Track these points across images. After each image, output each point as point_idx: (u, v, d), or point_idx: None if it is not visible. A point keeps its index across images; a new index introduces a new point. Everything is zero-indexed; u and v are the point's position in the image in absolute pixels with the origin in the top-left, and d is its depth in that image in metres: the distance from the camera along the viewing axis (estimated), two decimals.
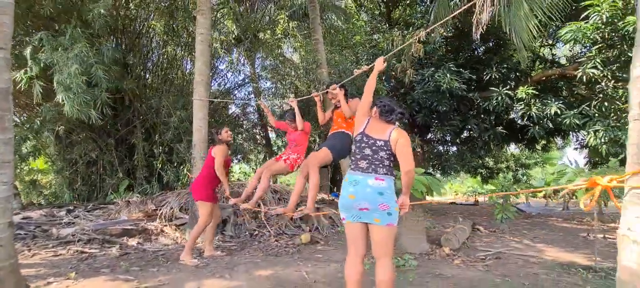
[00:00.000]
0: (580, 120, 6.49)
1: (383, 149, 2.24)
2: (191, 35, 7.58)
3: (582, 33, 5.60)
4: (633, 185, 1.50)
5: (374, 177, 2.18)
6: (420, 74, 8.26)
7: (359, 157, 2.28)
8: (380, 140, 2.25)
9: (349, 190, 2.22)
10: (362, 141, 2.31)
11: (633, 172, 1.51)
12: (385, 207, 2.14)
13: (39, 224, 5.38)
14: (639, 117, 1.48)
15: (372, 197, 2.15)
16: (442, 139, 11.18)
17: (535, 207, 13.16)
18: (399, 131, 2.28)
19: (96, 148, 7.48)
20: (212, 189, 4.18)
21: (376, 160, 2.23)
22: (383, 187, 2.17)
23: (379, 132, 2.29)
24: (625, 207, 1.55)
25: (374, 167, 2.21)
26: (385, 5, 11.13)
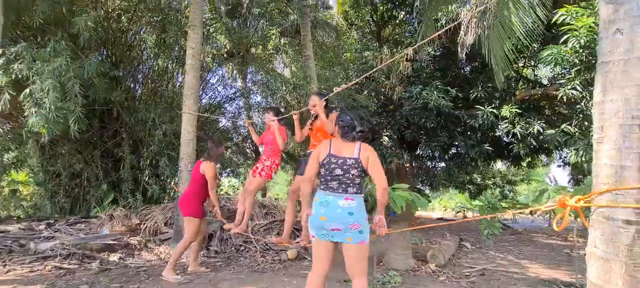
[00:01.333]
0: (561, 139, 6.69)
1: (354, 167, 2.24)
2: (182, 49, 7.62)
3: (561, 56, 5.84)
4: (599, 204, 1.57)
5: (344, 198, 2.19)
6: (409, 91, 8.44)
7: (330, 177, 2.27)
8: (350, 159, 2.25)
9: (320, 212, 2.22)
10: (330, 163, 2.28)
11: (598, 192, 1.57)
12: (356, 226, 2.16)
13: (17, 238, 5.21)
14: (601, 140, 1.56)
15: (342, 217, 2.16)
16: (431, 155, 11.33)
17: (521, 223, 13.32)
18: (367, 147, 2.30)
19: (81, 160, 7.34)
20: (201, 204, 4.12)
21: (347, 179, 2.23)
22: (353, 207, 2.18)
23: (346, 151, 2.29)
24: (592, 225, 1.61)
25: (345, 187, 2.22)
26: (376, 24, 11.42)
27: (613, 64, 1.49)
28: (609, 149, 1.51)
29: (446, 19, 7.54)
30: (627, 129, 1.45)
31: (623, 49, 1.45)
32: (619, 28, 1.46)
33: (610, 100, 1.51)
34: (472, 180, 13.87)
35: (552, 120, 8.16)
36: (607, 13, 1.51)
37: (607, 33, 1.51)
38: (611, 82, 1.49)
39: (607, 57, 1.52)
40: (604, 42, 1.52)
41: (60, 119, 4.72)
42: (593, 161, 1.64)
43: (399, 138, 9.98)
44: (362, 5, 11.21)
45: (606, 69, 1.52)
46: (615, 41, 1.47)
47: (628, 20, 1.44)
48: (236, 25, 9.40)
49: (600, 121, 1.56)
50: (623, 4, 1.45)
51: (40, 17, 5.29)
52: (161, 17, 7.43)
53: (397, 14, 10.90)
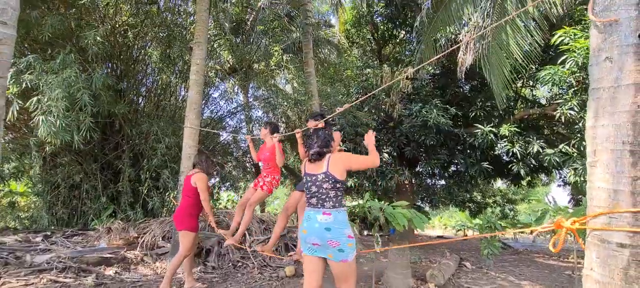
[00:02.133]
0: (560, 159, 6.71)
1: (325, 181, 2.32)
2: (186, 64, 7.75)
3: (559, 76, 5.94)
4: (594, 227, 1.59)
5: (321, 212, 2.27)
6: (409, 109, 8.53)
7: (309, 195, 2.39)
8: (320, 174, 2.35)
9: (303, 226, 2.36)
10: (307, 181, 2.42)
11: (592, 215, 1.59)
12: (335, 243, 2.20)
13: (13, 250, 5.17)
14: (594, 164, 1.59)
15: (319, 233, 2.23)
16: (431, 172, 11.33)
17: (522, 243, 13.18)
18: (336, 158, 2.37)
19: (81, 172, 7.35)
20: (196, 218, 4.11)
21: (322, 194, 2.31)
22: (329, 222, 2.22)
23: (316, 168, 2.40)
24: (587, 247, 1.63)
25: (322, 202, 2.30)
26: (376, 43, 11.63)
27: (603, 91, 1.54)
28: (602, 173, 1.54)
29: (445, 39, 7.69)
30: (618, 154, 1.48)
31: (613, 76, 1.50)
32: (608, 56, 1.51)
33: (601, 125, 1.54)
34: (472, 198, 13.80)
35: (551, 140, 8.20)
36: (596, 42, 1.57)
37: (597, 60, 1.56)
38: (602, 108, 1.54)
39: (597, 83, 1.57)
40: (594, 68, 1.58)
41: (68, 127, 4.80)
42: (587, 184, 1.67)
43: (398, 155, 10.01)
44: (363, 24, 11.46)
45: (597, 95, 1.57)
46: (605, 68, 1.53)
47: (616, 49, 1.49)
48: (239, 42, 9.58)
49: (592, 145, 1.60)
50: (611, 34, 1.51)
51: (49, 31, 5.43)
52: (167, 33, 7.59)
53: (398, 34, 11.12)
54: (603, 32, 1.55)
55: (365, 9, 10.93)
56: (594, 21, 1.56)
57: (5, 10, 2.45)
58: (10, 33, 2.52)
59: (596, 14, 1.58)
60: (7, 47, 2.49)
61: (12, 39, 2.54)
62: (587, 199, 1.67)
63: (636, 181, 1.45)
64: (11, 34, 2.53)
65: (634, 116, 1.45)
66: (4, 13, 2.45)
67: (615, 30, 1.51)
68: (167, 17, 7.80)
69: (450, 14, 6.44)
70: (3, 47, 2.45)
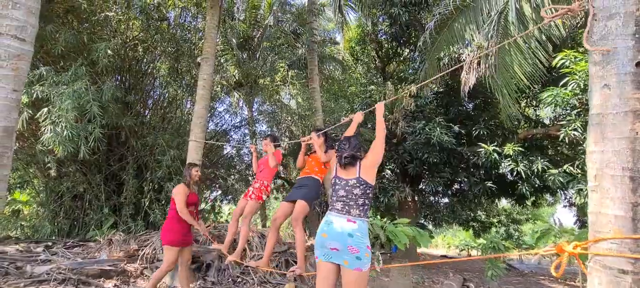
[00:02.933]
0: (564, 179, 6.66)
1: (356, 186, 2.34)
2: (193, 78, 7.89)
3: (561, 98, 5.96)
4: (595, 252, 1.58)
5: (345, 219, 2.28)
6: (412, 126, 8.56)
7: (335, 198, 2.40)
8: (351, 179, 2.37)
9: (323, 229, 2.33)
10: (336, 184, 2.44)
11: (594, 239, 1.59)
12: (355, 250, 2.20)
13: (14, 260, 5.18)
14: (595, 189, 1.60)
15: (342, 237, 2.23)
16: (434, 190, 11.26)
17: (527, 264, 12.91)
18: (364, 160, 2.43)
19: (85, 182, 7.41)
20: (178, 232, 3.90)
21: (350, 199, 2.33)
22: (353, 229, 2.24)
23: (348, 173, 2.42)
24: (590, 273, 1.61)
25: (348, 208, 2.31)
26: (381, 61, 11.78)
27: (603, 117, 1.56)
28: (603, 198, 1.54)
29: (449, 59, 7.79)
30: (618, 180, 1.49)
31: (611, 103, 1.52)
32: (607, 83, 1.54)
33: (601, 151, 1.56)
34: (476, 217, 13.64)
35: (556, 160, 8.15)
36: (595, 69, 1.60)
37: (596, 87, 1.59)
38: (602, 134, 1.55)
39: (597, 109, 1.59)
40: (593, 95, 1.60)
41: (75, 138, 4.88)
42: (588, 208, 1.67)
43: (401, 172, 9.98)
44: (367, 42, 11.64)
45: (597, 121, 1.59)
46: (604, 95, 1.55)
47: (614, 77, 1.52)
48: (246, 57, 9.77)
49: (593, 170, 1.61)
50: (609, 62, 1.55)
51: (62, 45, 5.59)
52: (176, 47, 7.77)
53: (402, 52, 11.28)
54: (601, 60, 1.58)
55: (370, 27, 11.14)
56: (590, 50, 1.60)
57: (25, 28, 2.56)
58: (28, 49, 2.62)
59: (594, 43, 1.61)
60: (25, 63, 2.59)
61: (29, 55, 2.64)
62: (588, 224, 1.67)
63: (637, 207, 1.45)
64: (29, 50, 2.64)
65: (633, 143, 1.46)
66: (23, 30, 2.55)
67: (612, 58, 1.54)
68: (177, 32, 8.00)
69: (453, 35, 6.55)
70: (21, 62, 2.54)
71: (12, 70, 2.52)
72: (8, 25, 2.50)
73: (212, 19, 5.80)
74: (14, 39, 2.52)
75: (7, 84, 2.51)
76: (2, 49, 2.48)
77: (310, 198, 3.37)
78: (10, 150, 2.61)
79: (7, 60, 2.49)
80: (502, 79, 5.37)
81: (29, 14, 2.61)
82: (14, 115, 2.57)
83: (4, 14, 2.49)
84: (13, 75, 2.52)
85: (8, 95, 2.53)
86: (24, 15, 2.56)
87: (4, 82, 2.49)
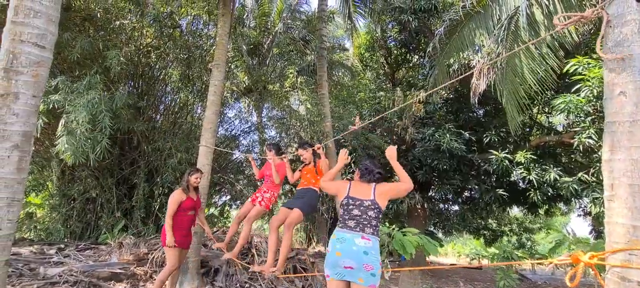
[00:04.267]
0: (578, 187, 6.50)
1: (371, 208, 2.35)
2: (204, 83, 8.00)
3: (574, 105, 5.85)
4: (612, 263, 1.54)
5: (360, 236, 2.27)
6: (421, 133, 8.50)
7: (348, 217, 2.38)
8: (366, 200, 2.38)
9: (336, 247, 2.31)
10: (348, 204, 2.42)
11: (611, 251, 1.55)
12: (370, 267, 2.20)
13: (28, 262, 5.29)
14: (611, 198, 1.56)
15: (357, 256, 2.21)
16: (443, 198, 11.12)
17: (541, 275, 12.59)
18: (381, 186, 2.45)
19: (97, 186, 7.55)
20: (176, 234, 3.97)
21: (364, 219, 2.33)
22: (369, 246, 2.24)
23: (363, 193, 2.43)
24: (607, 285, 1.57)
25: (362, 227, 2.31)
26: (390, 67, 11.78)
27: (619, 125, 1.53)
28: (620, 208, 1.50)
29: (458, 65, 7.74)
30: (636, 189, 1.45)
31: (628, 110, 1.49)
32: (623, 91, 1.51)
33: (618, 159, 1.53)
34: (487, 225, 13.41)
35: (569, 168, 7.98)
36: (610, 76, 1.57)
37: (611, 94, 1.56)
38: (618, 142, 1.52)
39: (612, 117, 1.56)
40: (609, 102, 1.57)
41: (87, 147, 4.97)
42: (605, 218, 1.63)
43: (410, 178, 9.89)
44: (377, 48, 11.66)
45: (613, 129, 1.56)
46: (620, 103, 1.52)
47: (630, 84, 1.49)
48: (256, 64, 9.88)
49: (609, 179, 1.57)
50: (625, 69, 1.52)
51: (78, 52, 5.75)
52: (187, 54, 7.91)
53: (411, 58, 11.26)
54: (616, 67, 1.56)
55: (379, 34, 11.16)
56: (605, 58, 1.57)
57: (45, 36, 2.65)
58: (47, 56, 2.71)
59: (609, 50, 1.59)
60: (44, 69, 2.68)
61: (49, 62, 2.73)
62: (605, 234, 1.63)
63: None
64: (48, 57, 2.73)
65: None
66: (43, 38, 2.64)
67: (628, 65, 1.51)
68: (189, 39, 8.15)
69: (463, 40, 6.51)
70: (41, 69, 2.63)
71: (32, 77, 2.61)
72: (29, 33, 2.59)
73: (224, 27, 5.89)
74: (35, 47, 2.61)
75: (28, 90, 2.60)
76: (23, 56, 2.57)
77: (307, 209, 3.55)
78: (29, 155, 2.68)
79: (27, 67, 2.58)
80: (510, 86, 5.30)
81: (49, 23, 2.70)
82: (33, 121, 2.65)
83: (26, 23, 2.59)
84: (33, 82, 2.61)
85: (28, 101, 2.61)
86: (45, 23, 2.65)
87: (25, 88, 2.58)
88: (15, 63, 2.55)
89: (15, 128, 2.56)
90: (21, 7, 2.57)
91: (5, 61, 2.55)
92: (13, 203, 2.58)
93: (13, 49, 2.55)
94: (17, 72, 2.55)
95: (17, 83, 2.56)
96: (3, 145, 2.52)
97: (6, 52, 2.56)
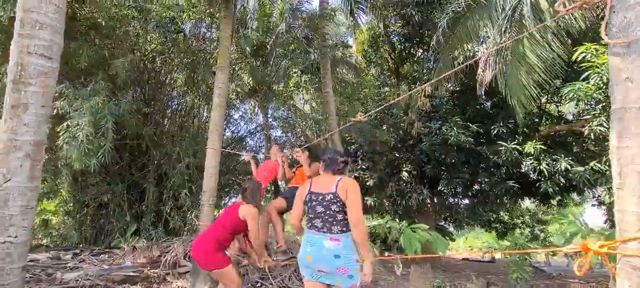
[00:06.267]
0: (591, 177, 6.38)
1: (333, 202, 2.18)
2: (209, 87, 8.07)
3: (584, 92, 5.73)
4: (623, 252, 1.51)
5: (329, 238, 2.13)
6: (428, 127, 8.43)
7: (313, 216, 2.25)
8: (328, 194, 2.22)
9: (307, 251, 2.20)
10: (311, 200, 2.28)
11: (622, 239, 1.52)
12: (345, 270, 2.09)
13: (45, 267, 5.43)
14: (620, 186, 1.53)
15: (328, 260, 2.10)
16: (453, 192, 11.02)
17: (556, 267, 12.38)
18: (346, 180, 2.23)
19: (109, 191, 7.69)
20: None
21: (329, 216, 2.18)
22: (339, 248, 2.11)
23: (324, 187, 2.26)
24: (619, 274, 1.54)
25: (328, 226, 2.17)
26: (394, 62, 11.69)
27: (626, 111, 1.50)
28: (630, 196, 1.47)
29: (464, 57, 7.64)
30: None
31: (635, 96, 1.46)
32: (629, 77, 1.48)
33: (625, 146, 1.49)
34: (498, 218, 13.23)
35: (581, 157, 7.82)
36: (615, 61, 1.54)
37: (618, 80, 1.53)
38: (626, 129, 1.49)
39: (619, 103, 1.53)
40: (615, 88, 1.54)
41: (91, 152, 5.06)
42: (615, 207, 1.60)
43: (419, 173, 9.84)
44: (380, 44, 11.58)
45: (620, 116, 1.53)
46: (626, 89, 1.49)
47: (637, 69, 1.46)
48: (259, 64, 9.92)
49: (618, 166, 1.54)
50: (631, 54, 1.48)
51: (85, 61, 5.86)
52: (191, 58, 7.99)
53: (415, 52, 11.15)
54: (621, 52, 1.52)
55: (382, 29, 11.08)
56: (610, 43, 1.54)
57: (51, 47, 2.71)
58: (54, 66, 2.78)
59: (613, 35, 1.55)
60: (52, 79, 2.74)
61: (55, 72, 2.80)
62: (615, 222, 1.59)
63: None
64: (55, 67, 2.80)
65: None
66: (50, 49, 2.70)
67: (634, 49, 1.48)
68: (192, 43, 8.23)
69: (467, 32, 6.43)
70: (49, 79, 2.70)
71: (40, 87, 2.67)
72: (36, 45, 2.66)
73: (226, 29, 5.93)
74: (42, 58, 2.68)
75: (37, 100, 2.66)
76: (31, 67, 2.64)
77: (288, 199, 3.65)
78: (40, 163, 2.75)
79: (36, 78, 2.65)
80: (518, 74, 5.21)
81: (55, 33, 2.76)
82: (43, 130, 2.72)
83: (32, 35, 2.65)
84: (42, 92, 2.68)
85: (38, 111, 2.68)
86: (50, 34, 2.71)
87: (34, 99, 2.64)
88: (23, 75, 2.61)
89: (27, 138, 2.63)
90: (27, 19, 2.64)
91: (14, 73, 2.62)
92: (27, 211, 2.65)
93: (21, 61, 2.62)
94: (25, 83, 2.62)
95: (27, 94, 2.62)
96: (15, 155, 2.58)
97: (15, 65, 2.63)
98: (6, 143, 2.56)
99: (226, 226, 3.24)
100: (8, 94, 2.64)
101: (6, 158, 2.55)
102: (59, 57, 2.87)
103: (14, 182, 2.57)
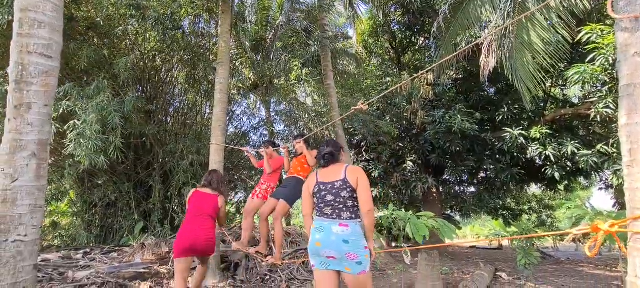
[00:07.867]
0: (598, 160, 6.31)
1: (343, 188, 2.22)
2: (211, 83, 8.06)
3: (589, 74, 5.64)
4: (634, 230, 1.48)
5: (337, 224, 2.15)
6: (431, 115, 8.37)
7: (323, 205, 2.26)
8: (337, 181, 2.26)
9: (316, 237, 2.21)
10: (320, 190, 2.30)
11: (633, 217, 1.49)
12: (354, 256, 2.09)
13: (57, 267, 5.51)
14: (630, 163, 1.50)
15: (337, 246, 2.11)
16: (458, 180, 10.97)
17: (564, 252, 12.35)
18: (354, 168, 2.31)
19: (116, 191, 7.76)
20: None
21: (339, 203, 2.21)
22: (348, 234, 2.12)
23: (332, 175, 2.31)
24: (630, 253, 1.52)
25: (338, 212, 2.19)
26: (395, 51, 11.59)
27: (635, 87, 1.46)
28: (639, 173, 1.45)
29: (466, 43, 7.54)
30: None
31: None
32: (638, 51, 1.44)
33: (635, 123, 1.46)
34: (505, 205, 13.18)
35: (588, 141, 7.74)
36: (623, 37, 1.50)
37: (625, 56, 1.49)
38: (635, 105, 1.45)
39: (628, 79, 1.49)
40: (623, 65, 1.50)
41: (100, 149, 5.11)
42: (625, 185, 1.57)
43: (424, 163, 9.80)
44: (380, 33, 11.47)
45: (629, 92, 1.49)
46: (635, 64, 1.45)
47: None
48: (260, 59, 9.88)
49: (628, 144, 1.51)
50: (638, 29, 1.44)
51: (85, 61, 5.86)
52: (191, 55, 7.97)
53: (416, 41, 11.04)
54: (629, 27, 1.48)
55: (382, 18, 10.96)
56: (617, 18, 1.50)
57: (50, 45, 2.71)
58: (55, 65, 2.77)
59: (620, 10, 1.51)
60: (53, 78, 2.75)
61: (56, 71, 2.80)
62: (626, 201, 1.57)
63: None
64: (56, 66, 2.80)
65: None
66: (49, 48, 2.70)
67: None
68: (191, 40, 8.20)
69: (468, 17, 6.33)
70: (50, 78, 2.70)
71: (42, 86, 2.68)
72: (36, 44, 2.66)
73: (225, 24, 5.89)
74: (42, 57, 2.68)
75: (39, 100, 2.67)
76: (32, 66, 2.64)
77: (292, 198, 3.70)
78: (46, 162, 2.76)
79: (37, 77, 2.65)
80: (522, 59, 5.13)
81: (53, 32, 2.76)
82: (47, 129, 2.73)
83: (31, 34, 2.65)
84: (43, 91, 2.68)
85: (41, 110, 2.69)
86: (49, 33, 2.71)
87: (36, 98, 2.65)
88: (25, 74, 2.62)
89: (31, 137, 2.64)
90: (25, 19, 2.63)
91: (15, 73, 2.63)
92: (36, 210, 2.68)
93: (22, 61, 2.62)
94: (27, 83, 2.63)
95: (29, 93, 2.63)
96: (21, 154, 2.60)
97: (15, 64, 2.63)
98: (12, 143, 2.58)
99: (212, 215, 3.45)
100: (11, 93, 2.65)
101: (12, 158, 2.57)
102: (59, 56, 2.87)
103: (21, 181, 2.59)
